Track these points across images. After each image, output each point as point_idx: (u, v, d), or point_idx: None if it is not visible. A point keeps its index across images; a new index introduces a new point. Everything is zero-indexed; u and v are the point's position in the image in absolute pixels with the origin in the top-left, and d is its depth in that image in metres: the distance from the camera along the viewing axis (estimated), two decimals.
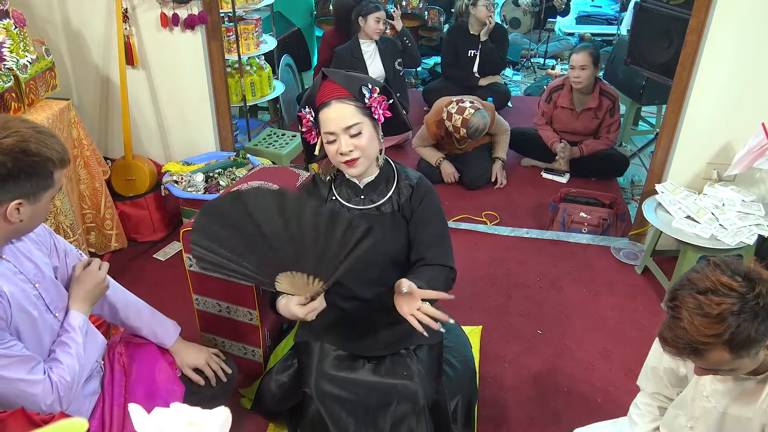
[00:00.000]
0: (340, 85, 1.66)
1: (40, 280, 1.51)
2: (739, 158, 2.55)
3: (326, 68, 1.70)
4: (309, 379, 1.81)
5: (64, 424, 0.76)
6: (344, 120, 1.64)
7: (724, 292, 1.16)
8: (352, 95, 1.65)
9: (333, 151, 1.68)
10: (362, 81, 1.68)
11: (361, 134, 1.65)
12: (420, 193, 1.78)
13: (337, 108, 1.64)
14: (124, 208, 3.07)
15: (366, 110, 1.67)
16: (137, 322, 1.80)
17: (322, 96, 1.67)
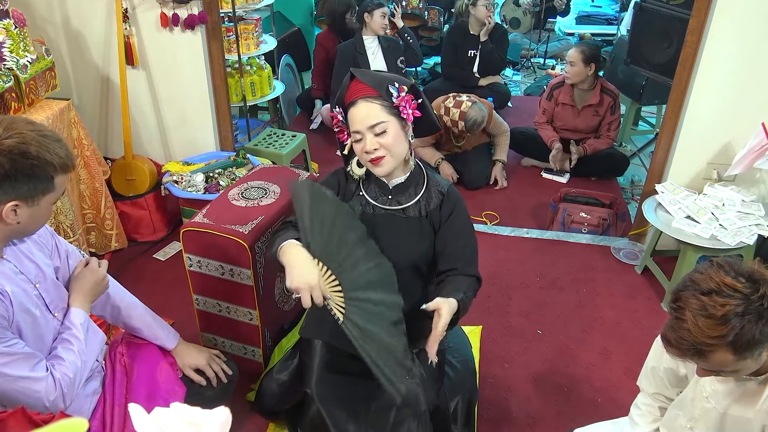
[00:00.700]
0: (367, 84, 1.65)
1: (40, 280, 1.52)
2: (739, 158, 2.55)
3: (356, 69, 1.70)
4: (310, 380, 1.81)
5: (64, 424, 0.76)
6: (369, 119, 1.63)
7: (728, 294, 1.15)
8: (379, 94, 1.64)
9: (359, 150, 1.68)
10: (390, 80, 1.67)
11: (387, 133, 1.64)
12: (450, 203, 1.77)
13: (364, 107, 1.64)
14: (124, 208, 3.07)
15: (393, 109, 1.66)
16: (139, 323, 1.80)
17: (351, 95, 1.67)
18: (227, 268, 2.07)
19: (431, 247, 1.78)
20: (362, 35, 4.11)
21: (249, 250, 1.99)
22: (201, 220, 2.07)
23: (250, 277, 2.05)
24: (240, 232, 2.01)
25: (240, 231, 2.01)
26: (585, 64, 3.64)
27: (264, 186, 2.26)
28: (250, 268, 2.03)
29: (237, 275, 2.07)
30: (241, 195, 2.21)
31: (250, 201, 2.17)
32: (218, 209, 2.12)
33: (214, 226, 2.03)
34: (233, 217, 2.08)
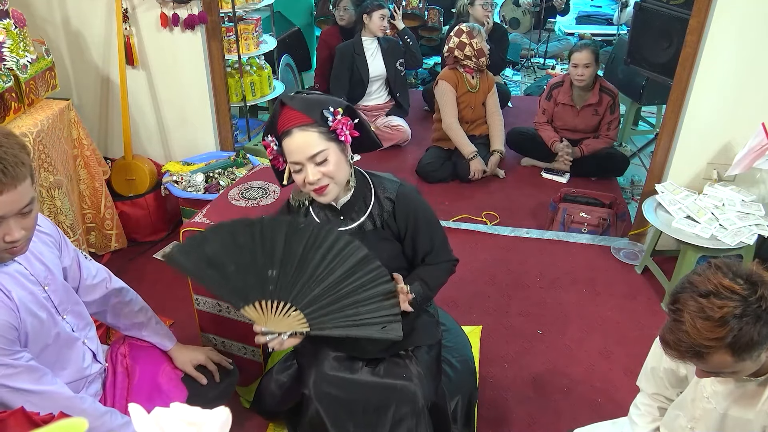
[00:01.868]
0: (300, 112, 1.58)
1: (50, 282, 1.50)
2: (739, 158, 2.55)
3: (283, 95, 1.63)
4: (308, 380, 1.81)
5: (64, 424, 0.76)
6: (308, 148, 1.57)
7: (726, 295, 1.15)
8: (314, 121, 1.57)
9: (301, 180, 1.62)
10: (323, 104, 1.60)
11: (328, 161, 1.58)
12: (403, 207, 1.73)
13: (300, 136, 1.57)
14: (124, 208, 3.07)
15: (331, 134, 1.59)
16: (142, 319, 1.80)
17: (283, 124, 1.60)
18: None
19: (399, 253, 1.78)
20: (362, 36, 4.11)
21: None
22: (201, 220, 2.07)
23: None
24: None
25: None
26: (596, 62, 3.67)
27: (264, 186, 2.26)
28: None
29: None
30: (241, 195, 2.21)
31: (250, 201, 2.17)
32: (218, 209, 2.12)
33: None
34: (233, 217, 2.07)
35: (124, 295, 1.77)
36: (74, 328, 1.57)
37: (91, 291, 1.69)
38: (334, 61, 4.19)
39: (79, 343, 1.58)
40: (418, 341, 1.85)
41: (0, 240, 1.30)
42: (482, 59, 3.71)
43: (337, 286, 1.57)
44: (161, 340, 1.81)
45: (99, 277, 1.71)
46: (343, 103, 1.63)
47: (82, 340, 1.60)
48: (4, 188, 1.25)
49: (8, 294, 1.38)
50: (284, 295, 1.56)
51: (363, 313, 1.59)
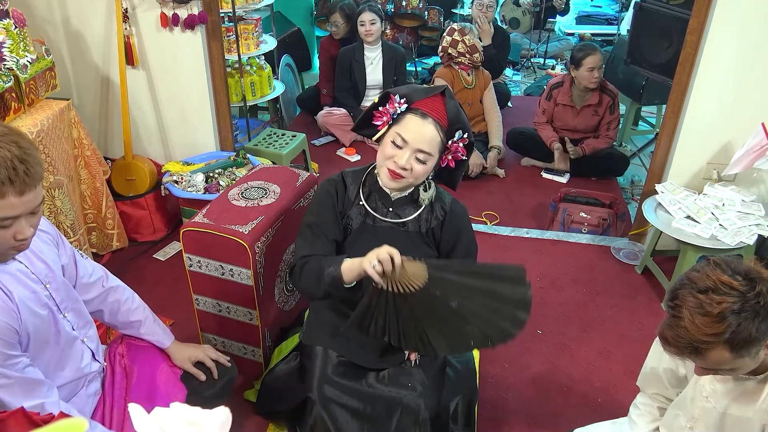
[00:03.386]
0: (446, 112, 1.61)
1: (51, 280, 1.50)
2: (738, 158, 2.55)
3: (449, 90, 1.65)
4: (312, 383, 1.80)
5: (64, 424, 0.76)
6: (425, 143, 1.59)
7: (724, 291, 1.16)
8: (447, 128, 1.61)
9: (389, 154, 1.62)
10: (463, 125, 1.64)
11: (425, 164, 1.62)
12: (454, 222, 1.77)
13: (430, 129, 1.60)
14: (124, 208, 3.07)
15: (443, 149, 1.64)
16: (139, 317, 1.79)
17: (426, 106, 1.61)
18: (227, 268, 2.07)
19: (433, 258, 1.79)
20: (363, 43, 4.12)
21: (249, 250, 1.99)
22: (201, 220, 2.07)
23: (250, 277, 2.05)
24: (240, 232, 2.01)
25: (240, 231, 2.01)
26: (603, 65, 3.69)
27: (264, 186, 2.26)
28: (250, 268, 2.03)
29: (237, 275, 2.07)
30: (241, 195, 2.21)
31: (250, 201, 2.17)
32: (218, 209, 2.13)
33: (214, 226, 2.03)
34: (233, 217, 2.08)
35: (121, 294, 1.77)
36: (74, 326, 1.57)
37: (88, 289, 1.69)
38: (336, 66, 4.21)
39: (79, 341, 1.58)
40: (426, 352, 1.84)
41: (10, 238, 1.32)
42: (476, 55, 3.73)
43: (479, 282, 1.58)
44: (159, 338, 1.81)
45: (95, 276, 1.71)
46: (471, 136, 1.68)
47: (81, 338, 1.60)
48: (26, 188, 1.27)
49: (9, 294, 1.38)
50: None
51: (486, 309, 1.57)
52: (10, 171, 1.23)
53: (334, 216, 1.76)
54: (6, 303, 1.37)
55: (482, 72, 3.88)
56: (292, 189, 2.25)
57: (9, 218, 1.29)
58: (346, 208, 1.77)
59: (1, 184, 1.23)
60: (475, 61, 3.76)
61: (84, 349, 1.60)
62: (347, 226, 1.78)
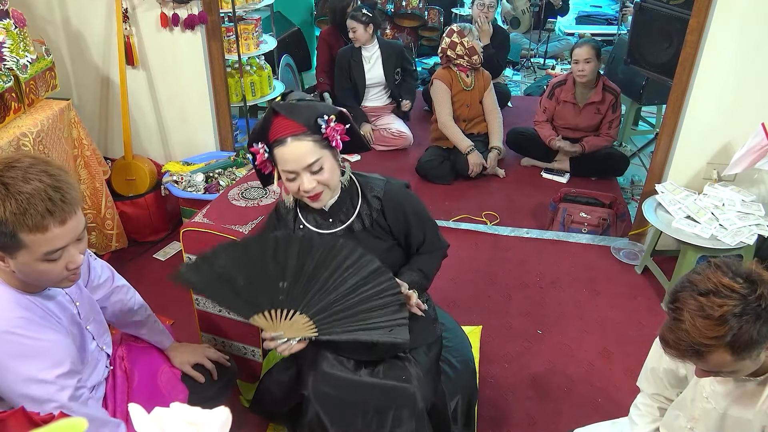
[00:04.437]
0: (293, 120, 1.57)
1: (78, 297, 1.51)
2: (737, 158, 2.55)
3: (276, 103, 1.61)
4: (307, 381, 1.80)
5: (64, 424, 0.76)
6: (304, 158, 1.57)
7: (725, 294, 1.15)
8: (307, 129, 1.57)
9: (295, 188, 1.62)
10: (317, 112, 1.59)
11: (323, 169, 1.60)
12: (391, 205, 1.74)
13: (295, 146, 1.57)
14: (124, 208, 3.07)
15: (324, 141, 1.60)
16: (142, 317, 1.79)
17: (276, 133, 1.59)
18: None
19: (392, 248, 1.80)
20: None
21: None
22: (201, 220, 2.07)
23: None
24: (240, 232, 2.01)
25: (240, 231, 2.01)
26: (597, 59, 3.68)
27: None
28: None
29: None
30: (241, 195, 2.21)
31: (250, 201, 2.17)
32: (218, 209, 2.13)
33: (214, 226, 2.03)
34: (233, 217, 2.08)
35: (125, 293, 1.77)
36: (95, 335, 1.58)
37: (96, 291, 1.70)
38: (335, 67, 4.21)
39: (97, 350, 1.59)
40: (416, 342, 1.84)
41: (63, 269, 1.29)
42: (474, 57, 3.72)
43: (348, 295, 1.58)
44: (159, 339, 1.81)
45: (104, 276, 1.72)
46: (335, 109, 1.63)
47: (101, 346, 1.60)
48: (67, 216, 1.24)
49: (60, 321, 1.38)
50: (294, 304, 1.57)
51: (371, 318, 1.60)
52: (47, 202, 1.20)
53: None
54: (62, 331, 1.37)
55: (482, 73, 3.88)
56: None
57: (57, 250, 1.26)
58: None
59: (42, 217, 1.20)
60: (473, 63, 3.75)
61: (100, 357, 1.61)
62: None
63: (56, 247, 1.24)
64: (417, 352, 1.86)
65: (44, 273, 1.28)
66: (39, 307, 1.35)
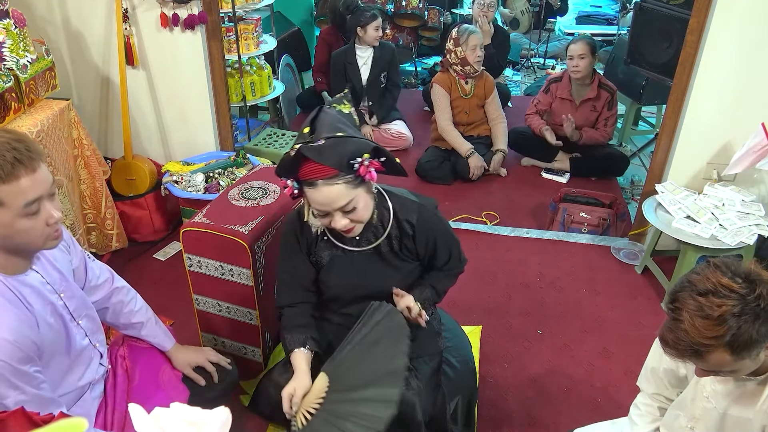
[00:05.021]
0: (324, 165, 1.47)
1: (65, 289, 1.50)
2: (737, 158, 2.55)
3: (305, 147, 1.47)
4: None
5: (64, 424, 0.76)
6: (336, 201, 1.51)
7: (724, 294, 1.15)
8: (339, 172, 1.48)
9: (326, 222, 1.58)
10: (349, 154, 1.48)
11: (356, 208, 1.54)
12: (424, 233, 1.72)
13: (327, 190, 1.49)
14: (124, 208, 3.07)
15: (357, 180, 1.51)
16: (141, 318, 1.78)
17: (306, 175, 1.50)
18: (227, 268, 2.07)
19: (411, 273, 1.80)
20: (355, 45, 4.11)
21: (249, 250, 1.99)
22: (201, 220, 2.07)
23: (250, 277, 2.05)
24: (240, 232, 2.01)
25: (240, 231, 2.01)
26: (592, 55, 3.67)
27: (264, 186, 2.26)
28: (250, 268, 2.03)
29: (237, 275, 2.07)
30: (241, 195, 2.21)
31: (250, 201, 2.17)
32: (218, 209, 2.13)
33: (214, 226, 2.03)
34: (233, 217, 2.08)
35: (125, 294, 1.76)
36: (87, 332, 1.57)
37: (95, 291, 1.69)
38: (331, 70, 4.22)
39: (90, 347, 1.58)
40: (418, 351, 1.84)
41: (43, 225, 1.33)
42: (467, 67, 3.69)
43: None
44: (160, 341, 1.81)
45: (103, 278, 1.71)
46: (370, 145, 1.53)
47: (93, 344, 1.59)
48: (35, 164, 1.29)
49: (30, 308, 1.38)
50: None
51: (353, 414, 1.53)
52: (14, 152, 1.24)
53: (300, 259, 1.76)
54: (28, 317, 1.36)
55: (484, 80, 3.82)
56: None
57: (33, 201, 1.29)
58: (311, 246, 1.75)
59: (12, 166, 1.24)
60: (466, 72, 3.72)
61: (94, 355, 1.60)
62: (318, 262, 1.77)
63: (31, 197, 1.28)
64: (418, 362, 1.85)
65: (27, 231, 1.31)
66: (10, 290, 1.36)
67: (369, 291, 1.75)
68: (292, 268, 1.78)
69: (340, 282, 1.76)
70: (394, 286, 1.76)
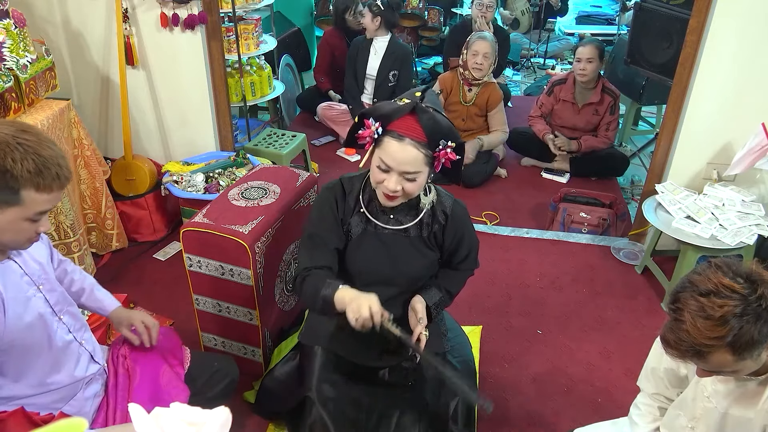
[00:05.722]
0: (423, 130, 1.55)
1: (44, 281, 1.49)
2: (738, 158, 2.55)
3: (420, 105, 1.56)
4: (311, 383, 1.80)
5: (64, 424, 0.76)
6: (408, 165, 1.56)
7: (726, 294, 1.15)
8: (427, 142, 1.56)
9: (379, 178, 1.60)
10: (445, 133, 1.57)
11: (416, 180, 1.59)
12: (455, 224, 1.76)
13: (408, 150, 1.54)
14: (124, 208, 3.07)
15: (430, 159, 1.59)
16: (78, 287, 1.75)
17: (400, 127, 1.55)
18: (227, 268, 2.07)
19: (433, 263, 1.81)
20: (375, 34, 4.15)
21: (249, 250, 1.99)
22: (201, 220, 2.07)
23: (250, 277, 2.05)
24: (240, 232, 2.01)
25: (240, 231, 2.01)
26: (600, 59, 3.67)
27: (264, 186, 2.26)
28: (250, 268, 2.03)
29: (237, 275, 2.07)
30: (241, 195, 2.21)
31: (250, 201, 2.17)
32: (218, 209, 2.12)
33: (214, 226, 2.03)
34: (233, 217, 2.08)
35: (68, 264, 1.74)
36: (71, 329, 1.56)
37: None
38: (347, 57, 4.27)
39: (75, 344, 1.57)
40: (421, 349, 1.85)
41: (33, 232, 1.37)
42: (466, 72, 3.68)
43: None
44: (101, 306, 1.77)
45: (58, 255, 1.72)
46: (459, 138, 1.62)
47: (79, 341, 1.59)
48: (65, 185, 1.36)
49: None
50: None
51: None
52: (57, 168, 1.32)
53: (334, 225, 1.75)
54: None
55: (489, 92, 3.74)
56: (292, 189, 2.25)
57: (45, 212, 1.35)
58: (347, 215, 1.76)
59: (52, 180, 1.31)
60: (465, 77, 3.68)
61: (81, 352, 1.59)
62: (348, 233, 1.77)
63: (45, 209, 1.35)
64: (422, 359, 1.86)
65: (20, 232, 1.35)
66: None
67: (392, 271, 1.75)
68: (325, 232, 1.75)
69: (367, 256, 1.75)
70: (417, 271, 1.77)
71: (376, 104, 1.66)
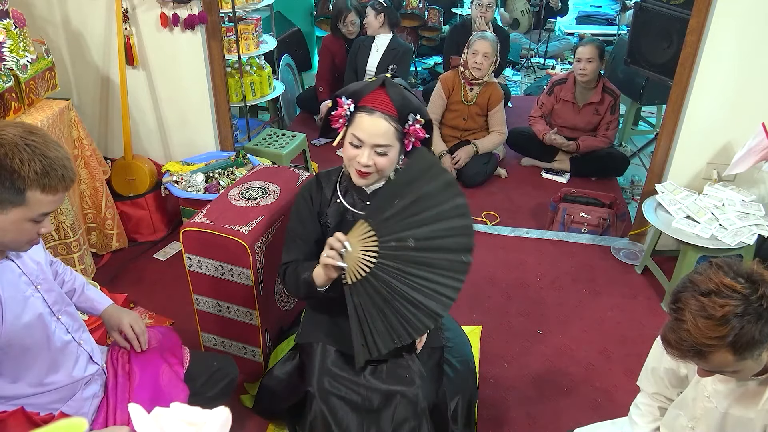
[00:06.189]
0: (392, 101, 1.63)
1: (42, 281, 1.49)
2: (738, 158, 2.55)
3: (389, 79, 1.66)
4: (311, 378, 1.81)
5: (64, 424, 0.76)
6: (379, 137, 1.63)
7: (727, 294, 1.15)
8: (397, 116, 1.64)
9: (351, 155, 1.67)
10: (414, 108, 1.66)
11: (387, 155, 1.65)
12: None
13: (380, 122, 1.62)
14: (124, 208, 3.07)
15: (401, 135, 1.67)
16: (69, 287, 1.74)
17: (370, 101, 1.65)
18: (227, 268, 2.07)
19: None
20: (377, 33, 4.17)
21: (249, 250, 1.99)
22: (201, 220, 2.07)
23: (250, 277, 2.05)
24: (240, 232, 2.01)
25: (240, 231, 2.01)
26: (600, 59, 3.67)
27: (264, 186, 2.26)
28: (250, 268, 2.03)
29: (237, 275, 2.07)
30: (241, 195, 2.21)
31: (250, 201, 2.17)
32: (218, 209, 2.12)
33: (214, 226, 2.03)
34: (233, 217, 2.08)
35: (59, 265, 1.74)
36: (69, 329, 1.56)
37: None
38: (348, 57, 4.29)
39: (74, 344, 1.57)
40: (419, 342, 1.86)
41: (36, 233, 1.38)
42: (466, 71, 3.68)
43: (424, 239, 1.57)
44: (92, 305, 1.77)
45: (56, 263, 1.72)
46: (428, 116, 1.69)
47: (77, 341, 1.59)
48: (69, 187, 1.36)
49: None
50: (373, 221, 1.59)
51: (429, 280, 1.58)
52: (63, 170, 1.33)
53: (310, 219, 1.82)
54: None
55: (491, 91, 3.73)
56: (292, 189, 2.25)
57: (47, 213, 1.36)
58: (323, 207, 1.82)
59: (57, 181, 1.32)
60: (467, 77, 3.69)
61: (80, 353, 1.59)
62: (325, 224, 1.83)
63: (49, 210, 1.35)
64: (420, 353, 1.87)
65: (22, 232, 1.35)
66: None
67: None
68: (303, 229, 1.83)
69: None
70: None
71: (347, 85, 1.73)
